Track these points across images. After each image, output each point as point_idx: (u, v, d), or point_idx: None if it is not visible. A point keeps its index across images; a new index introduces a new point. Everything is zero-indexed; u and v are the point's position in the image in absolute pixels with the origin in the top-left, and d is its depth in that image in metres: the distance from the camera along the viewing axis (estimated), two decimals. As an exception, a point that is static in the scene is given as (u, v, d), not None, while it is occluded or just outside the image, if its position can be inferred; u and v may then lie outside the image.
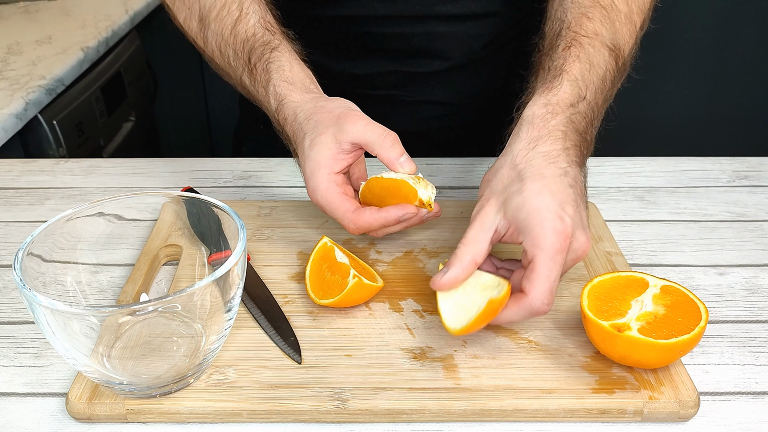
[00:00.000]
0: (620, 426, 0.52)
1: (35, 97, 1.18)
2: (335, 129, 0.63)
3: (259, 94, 0.69)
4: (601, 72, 0.64)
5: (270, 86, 0.67)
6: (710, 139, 2.47)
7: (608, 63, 0.65)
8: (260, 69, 0.68)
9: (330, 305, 0.59)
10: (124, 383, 0.51)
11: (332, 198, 0.63)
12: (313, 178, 0.63)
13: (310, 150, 0.63)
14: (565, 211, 0.54)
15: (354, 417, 0.51)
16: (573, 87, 0.62)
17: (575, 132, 0.60)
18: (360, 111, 0.66)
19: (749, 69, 2.36)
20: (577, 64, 0.63)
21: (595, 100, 0.63)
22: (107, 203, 0.58)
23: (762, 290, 0.65)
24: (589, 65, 0.63)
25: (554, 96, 0.61)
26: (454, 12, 0.86)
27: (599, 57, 0.64)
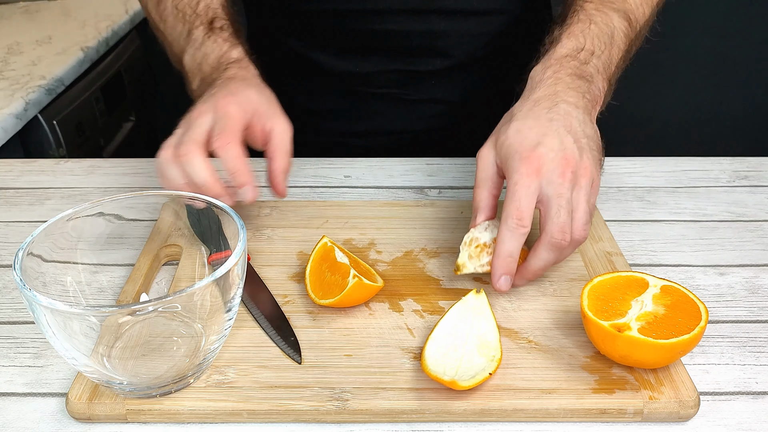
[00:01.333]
0: (620, 426, 0.52)
1: (35, 97, 1.18)
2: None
3: (209, 41, 0.72)
4: (606, 28, 0.69)
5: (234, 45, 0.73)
6: (710, 139, 2.47)
7: (618, 23, 0.70)
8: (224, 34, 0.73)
9: (330, 305, 0.59)
10: (124, 383, 0.51)
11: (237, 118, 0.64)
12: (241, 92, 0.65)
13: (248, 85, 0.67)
14: (540, 146, 0.58)
15: (354, 417, 0.51)
16: (570, 41, 0.67)
17: (572, 76, 0.64)
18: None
19: (750, 69, 2.36)
20: (578, 24, 0.69)
21: (600, 49, 0.67)
22: (107, 203, 0.58)
23: (762, 290, 0.65)
24: (589, 22, 0.69)
25: (553, 53, 0.66)
26: (455, 7, 0.86)
27: (603, 17, 0.69)
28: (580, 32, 0.68)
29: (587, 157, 0.59)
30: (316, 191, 0.82)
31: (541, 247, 0.59)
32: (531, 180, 0.58)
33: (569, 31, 0.68)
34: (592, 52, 0.67)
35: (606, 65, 0.68)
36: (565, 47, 0.67)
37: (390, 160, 0.89)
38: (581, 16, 0.69)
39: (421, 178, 0.85)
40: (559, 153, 0.58)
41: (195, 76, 0.73)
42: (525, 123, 0.61)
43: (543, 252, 0.59)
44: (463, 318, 0.56)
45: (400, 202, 0.77)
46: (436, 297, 0.62)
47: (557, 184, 0.58)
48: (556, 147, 0.59)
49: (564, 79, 0.64)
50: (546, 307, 0.61)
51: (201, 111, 0.64)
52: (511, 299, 0.62)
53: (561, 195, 0.58)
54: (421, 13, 0.86)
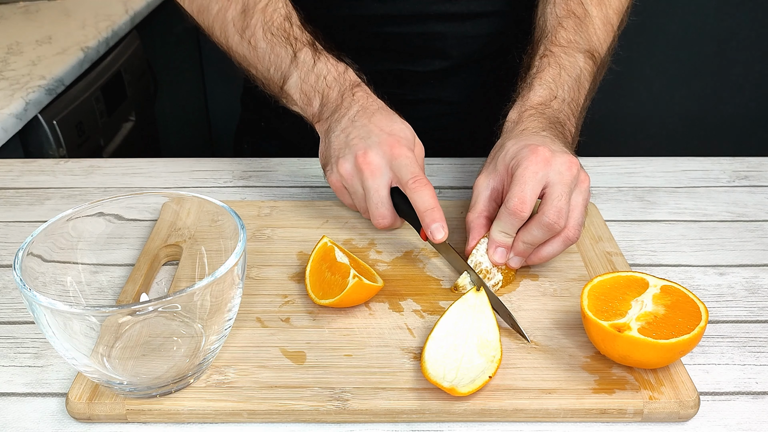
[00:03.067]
0: (620, 426, 0.52)
1: (35, 97, 1.18)
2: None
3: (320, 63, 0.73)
4: (574, 73, 0.73)
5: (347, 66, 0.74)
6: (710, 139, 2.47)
7: (584, 64, 0.74)
8: (331, 54, 0.74)
9: (330, 305, 0.59)
10: (124, 383, 0.51)
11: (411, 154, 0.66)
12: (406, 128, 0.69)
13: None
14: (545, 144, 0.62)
15: (354, 417, 0.51)
16: (543, 89, 0.71)
17: (548, 121, 0.68)
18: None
19: (749, 69, 2.36)
20: (549, 69, 0.72)
21: (571, 97, 0.72)
22: (107, 203, 0.58)
23: (762, 290, 0.65)
24: (559, 69, 0.72)
25: (528, 101, 0.70)
26: (453, 11, 0.86)
27: (571, 61, 0.73)
28: (552, 80, 0.71)
29: (583, 171, 0.63)
30: (316, 191, 0.82)
31: (534, 224, 0.61)
32: (539, 167, 0.60)
33: (541, 77, 0.71)
34: (563, 100, 0.71)
35: (574, 110, 0.72)
36: (538, 95, 0.70)
37: (390, 160, 0.89)
38: (551, 61, 0.73)
39: (421, 178, 0.85)
40: (564, 154, 0.62)
41: (312, 98, 0.72)
42: (520, 139, 0.64)
43: (534, 229, 0.61)
44: (463, 317, 0.56)
45: (400, 202, 0.77)
46: (436, 297, 0.62)
47: (564, 174, 0.61)
48: (559, 150, 0.62)
49: (541, 120, 0.68)
50: (546, 307, 0.61)
51: (374, 167, 0.65)
52: (511, 299, 0.62)
53: (565, 183, 0.60)
54: (419, 17, 0.86)
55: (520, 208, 0.60)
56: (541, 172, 0.60)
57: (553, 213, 0.60)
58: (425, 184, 0.64)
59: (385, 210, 0.66)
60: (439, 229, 0.63)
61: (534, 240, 0.62)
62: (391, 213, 0.67)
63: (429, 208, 0.63)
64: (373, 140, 0.66)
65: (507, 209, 0.61)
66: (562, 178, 0.61)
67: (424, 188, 0.63)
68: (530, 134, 0.65)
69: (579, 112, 0.73)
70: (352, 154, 0.66)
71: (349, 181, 0.67)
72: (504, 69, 0.95)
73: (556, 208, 0.60)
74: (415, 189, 0.63)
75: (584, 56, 0.74)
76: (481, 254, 0.63)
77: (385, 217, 0.66)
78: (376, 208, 0.66)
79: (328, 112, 0.71)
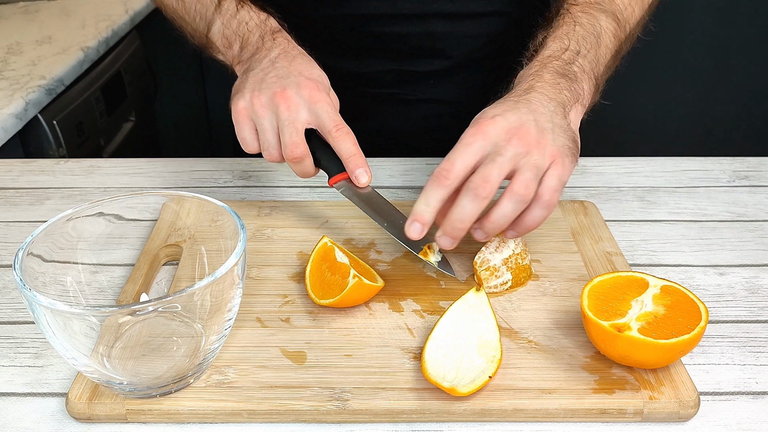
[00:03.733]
0: (620, 426, 0.52)
1: (35, 97, 1.18)
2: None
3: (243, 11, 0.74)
4: (592, 29, 0.69)
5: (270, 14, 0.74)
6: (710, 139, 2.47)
7: (606, 24, 0.70)
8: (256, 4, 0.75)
9: (330, 305, 0.59)
10: (124, 383, 0.51)
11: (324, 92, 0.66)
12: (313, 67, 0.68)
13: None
14: (496, 117, 0.58)
15: (354, 417, 0.51)
16: (555, 42, 0.67)
17: (553, 74, 0.64)
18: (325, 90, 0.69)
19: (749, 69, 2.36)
20: (563, 27, 0.69)
21: (586, 49, 0.67)
22: (107, 203, 0.58)
23: (762, 290, 0.65)
24: (574, 24, 0.69)
25: (537, 56, 0.66)
26: (453, 11, 0.86)
27: (589, 18, 0.70)
28: (564, 34, 0.68)
29: (548, 137, 0.58)
30: (316, 191, 0.82)
31: (461, 195, 0.57)
32: (474, 139, 0.57)
33: (554, 34, 0.68)
34: (577, 52, 0.67)
35: (593, 65, 0.67)
36: (549, 49, 0.67)
37: (390, 160, 0.89)
38: (566, 19, 0.69)
39: (421, 178, 0.85)
40: (514, 123, 0.58)
41: (232, 42, 0.74)
42: (490, 106, 0.61)
43: (462, 199, 0.57)
44: (463, 317, 0.56)
45: (400, 202, 0.77)
46: (436, 297, 0.62)
47: (500, 147, 0.57)
48: (513, 119, 0.58)
49: (544, 77, 0.64)
50: (546, 307, 0.61)
51: (292, 102, 0.64)
52: (511, 299, 0.62)
53: (498, 155, 0.56)
54: (419, 17, 0.86)
55: (444, 174, 0.56)
56: (476, 144, 0.57)
57: (478, 177, 0.56)
58: (348, 132, 0.65)
59: (298, 139, 0.64)
60: (363, 174, 0.64)
61: (463, 212, 0.57)
62: (305, 145, 0.65)
63: (352, 154, 0.64)
64: (292, 80, 0.66)
65: (432, 176, 0.57)
66: (499, 149, 0.56)
67: (347, 136, 0.64)
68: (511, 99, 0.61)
69: (599, 68, 0.69)
70: (270, 91, 0.65)
71: (259, 111, 0.65)
72: (504, 69, 0.95)
73: (482, 173, 0.56)
74: (338, 137, 0.64)
75: (606, 16, 0.71)
76: (490, 252, 0.63)
77: (297, 145, 0.64)
78: (290, 137, 0.64)
79: (248, 53, 0.72)
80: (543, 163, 0.57)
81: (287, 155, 0.65)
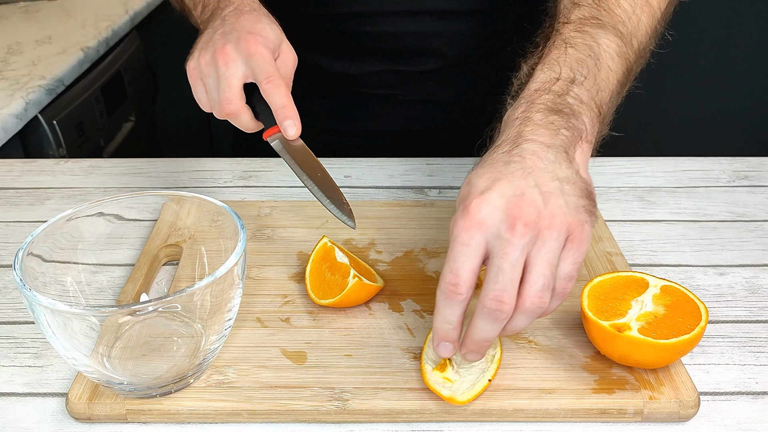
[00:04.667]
0: (620, 426, 0.52)
1: (35, 97, 1.18)
2: None
3: None
4: (588, 50, 0.59)
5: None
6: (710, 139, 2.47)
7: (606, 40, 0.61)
8: None
9: (330, 305, 0.59)
10: (124, 383, 0.51)
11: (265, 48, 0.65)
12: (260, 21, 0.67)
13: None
14: (486, 193, 0.48)
15: (354, 417, 0.51)
16: (543, 72, 0.58)
17: (544, 112, 0.54)
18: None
19: (749, 69, 2.36)
20: (553, 52, 0.59)
21: (583, 75, 0.58)
22: (107, 203, 0.58)
23: (762, 290, 0.65)
24: (565, 47, 0.59)
25: (525, 92, 0.57)
26: (447, 8, 0.86)
27: (584, 38, 0.60)
28: (554, 61, 0.58)
29: (556, 204, 0.48)
30: (316, 191, 0.82)
31: (477, 316, 0.49)
32: (470, 235, 0.47)
33: (542, 62, 0.58)
34: (571, 80, 0.57)
35: (592, 93, 0.57)
36: (536, 81, 0.57)
37: (390, 160, 0.89)
38: (557, 42, 0.60)
39: (421, 178, 0.85)
40: (511, 200, 0.48)
41: (197, 4, 0.75)
42: (477, 172, 0.51)
43: (479, 321, 0.49)
44: None
45: (400, 202, 0.77)
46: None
47: (504, 240, 0.47)
48: (508, 192, 0.48)
49: (533, 118, 0.54)
50: (546, 307, 0.61)
51: (229, 58, 0.64)
52: (511, 299, 0.62)
53: (505, 254, 0.47)
54: (413, 15, 0.86)
55: (453, 290, 0.48)
56: (474, 241, 0.47)
57: (489, 299, 0.47)
58: (279, 85, 0.63)
59: (230, 94, 0.64)
60: (291, 125, 0.64)
61: (487, 335, 0.49)
62: (239, 100, 0.65)
63: (281, 106, 0.63)
64: (233, 36, 0.66)
65: (441, 291, 0.49)
66: (502, 248, 0.47)
67: (278, 88, 0.63)
68: (499, 158, 0.51)
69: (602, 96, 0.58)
70: (213, 48, 0.66)
71: (204, 69, 0.66)
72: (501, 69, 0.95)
73: (493, 293, 0.47)
74: (269, 89, 0.63)
75: (605, 32, 0.61)
76: None
77: (230, 101, 0.64)
78: (223, 92, 0.64)
79: (207, 14, 0.73)
80: (558, 246, 0.48)
81: (221, 111, 0.65)
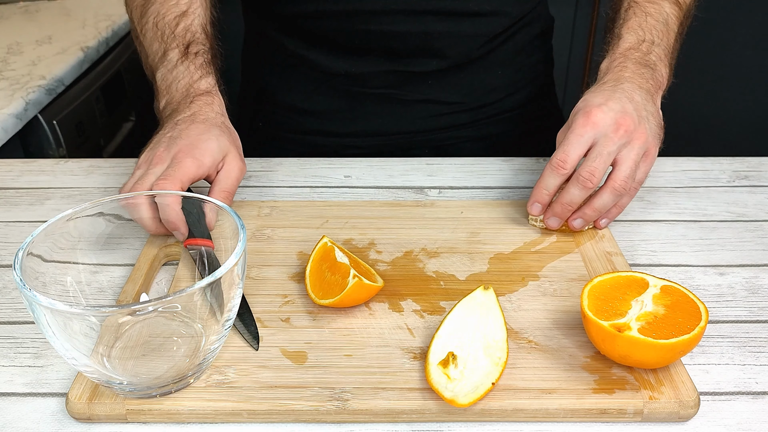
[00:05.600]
0: (620, 426, 0.52)
1: (35, 97, 1.18)
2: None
3: (182, 66, 0.76)
4: (660, 18, 0.77)
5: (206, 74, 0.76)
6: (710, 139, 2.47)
7: (670, 9, 0.79)
8: (198, 60, 0.77)
9: (330, 305, 0.59)
10: (124, 383, 0.51)
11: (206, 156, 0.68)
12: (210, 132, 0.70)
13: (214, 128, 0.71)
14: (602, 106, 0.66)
15: (354, 417, 0.51)
16: (631, 35, 0.75)
17: (636, 64, 0.72)
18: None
19: (749, 69, 2.36)
20: (635, 18, 0.77)
21: (659, 38, 0.76)
22: (107, 203, 0.58)
23: (762, 290, 0.65)
24: (645, 15, 0.77)
25: (617, 48, 0.74)
26: (451, 9, 0.86)
27: (656, 7, 0.78)
28: (638, 26, 0.76)
29: (645, 126, 0.67)
30: (316, 191, 0.82)
31: (571, 183, 0.67)
32: (585, 130, 0.65)
33: (627, 26, 0.76)
34: (652, 42, 0.75)
35: (666, 51, 0.76)
36: (627, 41, 0.75)
37: (390, 160, 0.89)
38: (636, 11, 0.77)
39: (421, 178, 0.85)
40: (619, 113, 0.66)
41: (162, 96, 0.76)
42: (591, 94, 0.69)
43: (572, 187, 0.67)
44: (471, 315, 0.56)
45: (400, 202, 0.77)
46: (436, 297, 0.62)
47: (608, 137, 0.65)
48: (617, 108, 0.66)
49: (629, 67, 0.72)
50: (546, 307, 0.61)
51: (161, 157, 0.68)
52: (511, 299, 0.62)
53: (606, 145, 0.65)
54: (417, 14, 0.86)
55: (561, 165, 0.65)
56: (586, 135, 0.65)
57: (585, 170, 0.65)
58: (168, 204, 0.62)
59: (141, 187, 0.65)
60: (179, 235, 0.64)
61: (572, 199, 0.67)
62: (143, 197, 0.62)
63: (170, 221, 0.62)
64: (176, 143, 0.69)
65: (550, 165, 0.66)
66: (605, 144, 0.65)
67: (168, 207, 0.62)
68: (608, 88, 0.69)
69: (671, 53, 0.77)
70: (157, 149, 0.69)
71: (142, 165, 0.69)
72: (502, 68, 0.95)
73: (590, 167, 0.65)
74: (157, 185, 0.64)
75: (670, 3, 0.79)
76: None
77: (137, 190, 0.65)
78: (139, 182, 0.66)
79: (168, 111, 0.74)
80: (640, 154, 0.67)
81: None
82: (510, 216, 0.74)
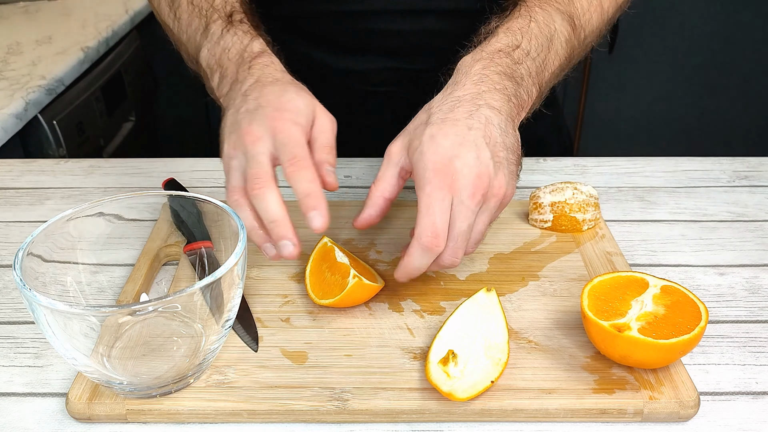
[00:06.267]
0: (620, 426, 0.52)
1: (35, 97, 1.18)
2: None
3: (228, 35, 0.68)
4: (546, 29, 0.66)
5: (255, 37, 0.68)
6: (710, 139, 2.47)
7: (560, 26, 0.67)
8: (244, 26, 0.69)
9: (330, 305, 0.59)
10: (124, 383, 0.51)
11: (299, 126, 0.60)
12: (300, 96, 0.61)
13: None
14: (456, 159, 0.55)
15: (354, 417, 0.51)
16: (507, 36, 0.64)
17: (500, 75, 0.61)
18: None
19: (749, 69, 2.36)
20: (518, 20, 0.65)
21: (537, 51, 0.64)
22: (107, 203, 0.58)
23: (762, 290, 0.65)
24: (529, 19, 0.65)
25: (486, 46, 0.63)
26: (450, 8, 0.86)
27: (545, 16, 0.66)
28: (518, 29, 0.64)
29: (502, 174, 0.57)
30: (316, 191, 0.82)
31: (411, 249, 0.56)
32: (444, 194, 0.55)
33: (507, 25, 0.65)
34: (527, 53, 0.64)
35: (539, 70, 0.64)
36: (500, 42, 0.63)
37: (390, 160, 0.89)
38: (522, 12, 0.66)
39: (421, 178, 0.85)
40: (474, 169, 0.55)
41: (214, 72, 0.68)
42: (441, 129, 0.57)
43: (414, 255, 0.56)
44: (472, 317, 0.56)
45: (400, 202, 0.77)
46: (436, 297, 0.62)
47: (464, 205, 0.55)
48: (471, 162, 0.56)
49: (491, 78, 0.60)
50: (546, 307, 0.61)
51: (255, 136, 0.58)
52: (511, 299, 0.62)
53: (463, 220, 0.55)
54: (418, 13, 0.86)
55: (435, 243, 0.54)
56: (447, 201, 0.55)
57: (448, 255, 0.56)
58: (303, 167, 0.57)
59: (260, 170, 0.57)
60: (316, 217, 0.57)
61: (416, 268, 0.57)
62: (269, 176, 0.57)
63: (305, 193, 0.57)
64: (259, 113, 0.59)
65: (420, 244, 0.55)
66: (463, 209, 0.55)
67: (301, 171, 0.57)
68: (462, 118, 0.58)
69: (545, 75, 0.66)
70: (240, 129, 0.60)
71: (233, 153, 0.59)
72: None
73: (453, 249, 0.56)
74: (292, 173, 0.57)
75: (562, 18, 0.68)
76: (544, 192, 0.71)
77: (259, 176, 0.57)
78: (250, 168, 0.57)
79: (225, 87, 0.67)
80: (493, 212, 0.58)
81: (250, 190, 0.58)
82: (510, 216, 0.74)
